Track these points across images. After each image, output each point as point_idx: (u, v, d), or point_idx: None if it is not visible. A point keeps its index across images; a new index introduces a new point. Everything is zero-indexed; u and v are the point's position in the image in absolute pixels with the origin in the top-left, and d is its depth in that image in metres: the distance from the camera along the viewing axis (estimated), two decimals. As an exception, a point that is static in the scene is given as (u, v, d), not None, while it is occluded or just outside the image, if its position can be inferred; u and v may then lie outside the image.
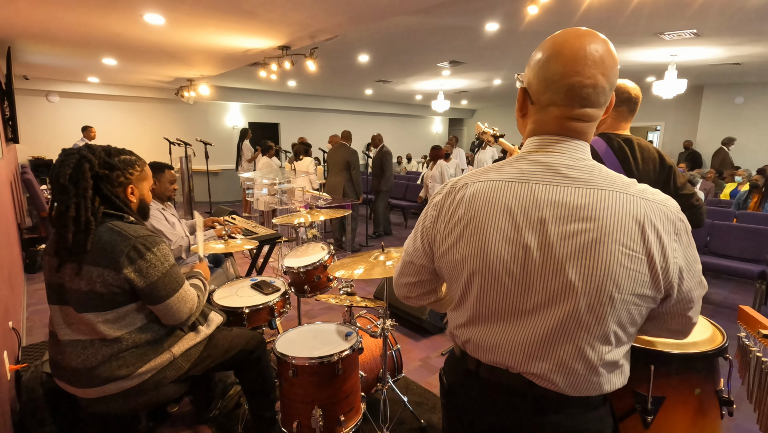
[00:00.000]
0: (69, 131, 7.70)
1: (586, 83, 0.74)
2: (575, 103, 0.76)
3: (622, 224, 0.71)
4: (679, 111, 9.45)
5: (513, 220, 0.77)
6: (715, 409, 1.14)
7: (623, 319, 0.75)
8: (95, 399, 1.49)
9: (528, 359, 0.79)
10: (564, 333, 0.76)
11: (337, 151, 5.56)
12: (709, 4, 3.77)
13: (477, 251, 0.80)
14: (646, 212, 0.72)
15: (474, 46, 5.40)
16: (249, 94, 9.66)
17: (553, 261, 0.74)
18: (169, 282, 1.49)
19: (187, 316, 1.56)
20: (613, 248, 0.71)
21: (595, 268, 0.72)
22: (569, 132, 0.79)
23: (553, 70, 0.76)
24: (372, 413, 2.20)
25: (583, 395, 0.79)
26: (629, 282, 0.72)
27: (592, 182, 0.75)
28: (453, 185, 0.87)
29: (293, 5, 3.41)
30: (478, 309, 0.83)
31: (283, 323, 3.32)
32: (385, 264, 1.80)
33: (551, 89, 0.77)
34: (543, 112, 0.80)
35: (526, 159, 0.81)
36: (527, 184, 0.78)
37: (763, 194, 5.36)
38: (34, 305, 3.75)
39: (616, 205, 0.72)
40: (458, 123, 15.37)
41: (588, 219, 0.73)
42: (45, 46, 4.93)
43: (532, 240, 0.75)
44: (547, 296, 0.76)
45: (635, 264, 0.71)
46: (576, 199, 0.74)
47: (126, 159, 1.58)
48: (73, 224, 1.40)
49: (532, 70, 0.80)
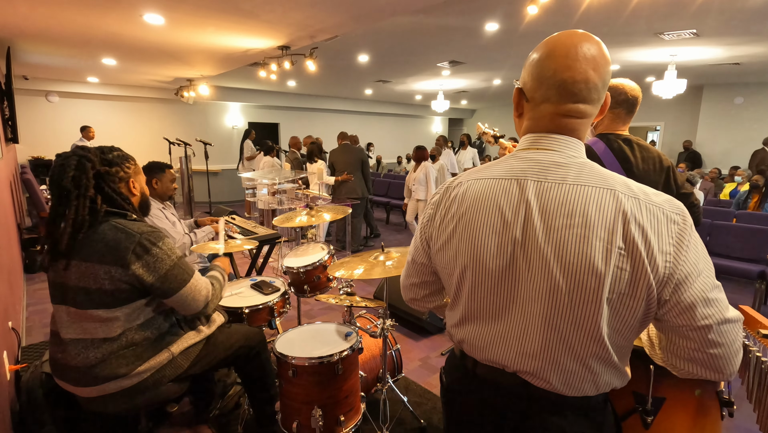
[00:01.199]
0: (69, 131, 7.69)
1: (578, 78, 0.76)
2: (567, 99, 0.77)
3: (606, 220, 0.71)
4: (679, 111, 9.45)
5: (502, 216, 0.78)
6: (715, 410, 1.14)
7: (613, 319, 0.74)
8: (95, 398, 1.49)
9: (521, 356, 0.79)
10: (553, 330, 0.76)
11: (347, 151, 5.57)
12: (709, 4, 3.77)
13: (468, 247, 0.82)
14: (633, 211, 0.71)
15: (474, 46, 5.40)
16: (249, 94, 9.66)
17: (539, 257, 0.75)
18: (178, 273, 1.51)
19: (204, 304, 1.59)
20: (596, 245, 0.71)
21: (578, 264, 0.72)
22: (562, 129, 0.80)
23: (546, 66, 0.78)
24: (372, 413, 2.20)
25: (579, 394, 0.79)
26: (612, 279, 0.71)
27: (580, 179, 0.75)
28: (449, 184, 0.90)
29: (293, 5, 3.41)
30: (471, 306, 0.85)
31: (283, 323, 3.32)
32: (385, 264, 1.80)
33: (544, 85, 0.78)
34: (537, 110, 0.82)
35: (518, 157, 0.83)
36: (517, 181, 0.79)
37: (763, 194, 5.37)
38: (33, 305, 3.74)
39: (601, 202, 0.72)
40: (458, 123, 15.37)
41: (573, 215, 0.73)
42: (45, 46, 4.93)
43: (520, 236, 0.77)
44: (534, 293, 0.76)
45: (619, 261, 0.70)
46: (563, 195, 0.75)
47: (119, 154, 1.60)
48: (71, 225, 1.40)
49: (527, 70, 0.82)
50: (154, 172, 2.45)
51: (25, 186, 5.34)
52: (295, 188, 4.79)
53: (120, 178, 1.56)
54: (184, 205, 7.12)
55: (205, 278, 1.66)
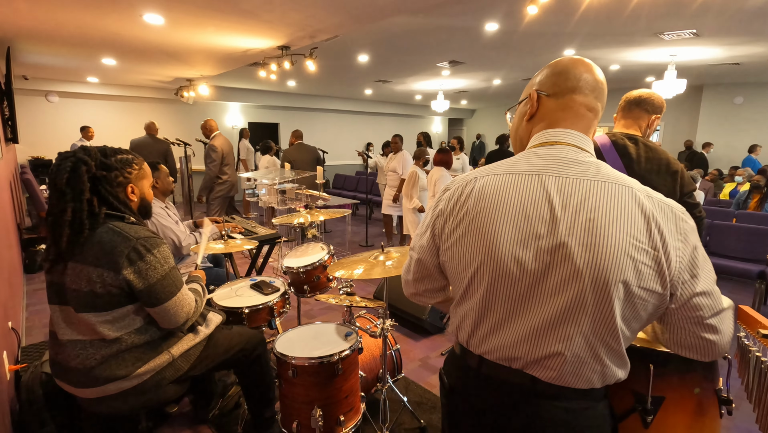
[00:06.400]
0: (68, 131, 7.69)
1: (597, 79, 0.87)
2: (589, 92, 0.86)
3: (630, 215, 0.74)
4: (679, 111, 9.45)
5: (524, 212, 0.79)
6: (714, 408, 1.14)
7: (628, 312, 0.76)
8: (95, 399, 1.49)
9: (533, 347, 0.80)
10: (572, 323, 0.76)
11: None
12: (709, 4, 3.77)
13: (486, 243, 0.81)
14: (650, 208, 0.75)
15: (474, 46, 5.40)
16: (248, 94, 9.65)
17: (563, 252, 0.75)
18: (167, 285, 1.49)
19: (184, 320, 1.55)
20: (622, 238, 0.73)
21: (603, 257, 0.73)
22: (578, 122, 0.86)
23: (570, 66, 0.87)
24: (372, 413, 2.20)
25: (586, 386, 0.80)
26: (635, 273, 0.73)
27: (599, 175, 0.79)
28: (462, 179, 0.89)
29: (293, 5, 3.41)
30: (487, 301, 0.84)
31: (283, 323, 3.32)
32: (385, 264, 1.80)
33: (570, 79, 0.86)
34: (560, 101, 0.87)
35: (535, 153, 0.85)
36: (538, 177, 0.80)
37: (764, 194, 5.36)
38: (33, 305, 3.74)
39: (622, 199, 0.75)
40: (458, 123, 15.37)
41: (596, 210, 0.75)
42: (44, 46, 4.93)
43: (543, 230, 0.77)
44: (556, 285, 0.77)
45: (641, 256, 0.73)
46: (584, 191, 0.77)
47: (123, 158, 1.56)
48: (69, 227, 1.39)
49: (545, 76, 0.89)
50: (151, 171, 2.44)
51: (25, 186, 5.35)
52: (294, 188, 4.79)
53: (118, 183, 1.54)
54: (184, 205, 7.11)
55: (192, 293, 1.63)
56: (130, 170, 1.58)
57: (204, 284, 1.81)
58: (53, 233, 1.42)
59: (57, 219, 1.41)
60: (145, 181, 1.66)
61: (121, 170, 1.55)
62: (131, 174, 1.58)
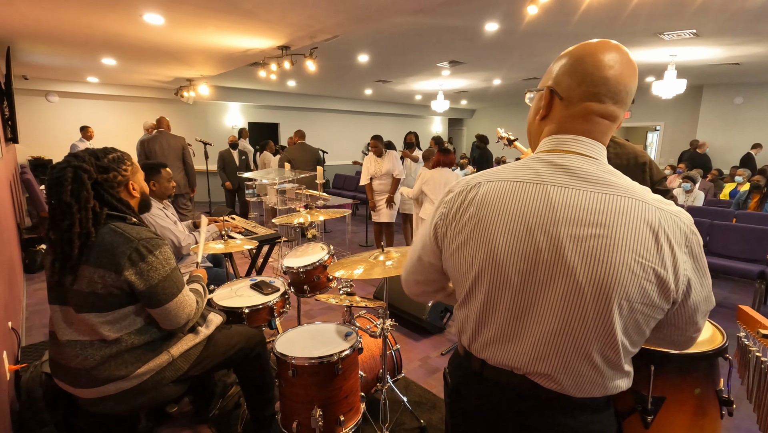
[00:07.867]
0: (68, 131, 7.69)
1: (620, 80, 0.77)
2: (608, 98, 0.78)
3: (636, 231, 0.71)
4: (679, 111, 9.45)
5: (525, 221, 0.77)
6: (714, 409, 1.14)
7: (630, 326, 0.74)
8: (94, 399, 1.49)
9: (534, 360, 0.79)
10: (571, 335, 0.75)
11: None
12: (709, 4, 3.77)
13: (486, 250, 0.80)
14: (660, 221, 0.72)
15: (474, 46, 5.40)
16: (248, 94, 9.65)
17: (564, 264, 0.73)
18: (169, 286, 1.48)
19: (185, 321, 1.55)
20: (626, 256, 0.71)
21: (605, 274, 0.71)
22: (592, 130, 0.80)
23: (589, 64, 0.78)
24: (372, 413, 2.20)
25: (587, 396, 0.79)
26: (638, 291, 0.71)
27: (609, 187, 0.75)
28: (466, 183, 0.87)
29: (293, 5, 3.41)
30: (486, 310, 0.83)
31: (283, 323, 3.32)
32: (385, 264, 1.80)
33: (586, 82, 0.78)
34: (572, 108, 0.80)
35: (542, 160, 0.81)
36: (542, 186, 0.78)
37: (764, 194, 5.36)
38: (33, 305, 3.74)
39: (631, 212, 0.72)
40: (458, 123, 15.37)
41: (602, 225, 0.72)
42: (44, 46, 4.93)
43: (544, 242, 0.75)
44: (555, 299, 0.75)
45: (646, 273, 0.71)
46: (591, 203, 0.74)
47: (115, 157, 1.55)
48: (78, 238, 1.38)
49: (563, 68, 0.81)
50: (150, 173, 2.44)
51: (25, 186, 5.35)
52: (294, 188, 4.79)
53: (118, 183, 1.53)
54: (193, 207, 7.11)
55: (193, 294, 1.62)
56: (126, 167, 1.57)
57: (205, 284, 1.81)
58: (62, 247, 1.38)
59: (65, 234, 1.37)
60: (140, 175, 1.66)
61: (117, 169, 1.54)
62: (127, 171, 1.58)
